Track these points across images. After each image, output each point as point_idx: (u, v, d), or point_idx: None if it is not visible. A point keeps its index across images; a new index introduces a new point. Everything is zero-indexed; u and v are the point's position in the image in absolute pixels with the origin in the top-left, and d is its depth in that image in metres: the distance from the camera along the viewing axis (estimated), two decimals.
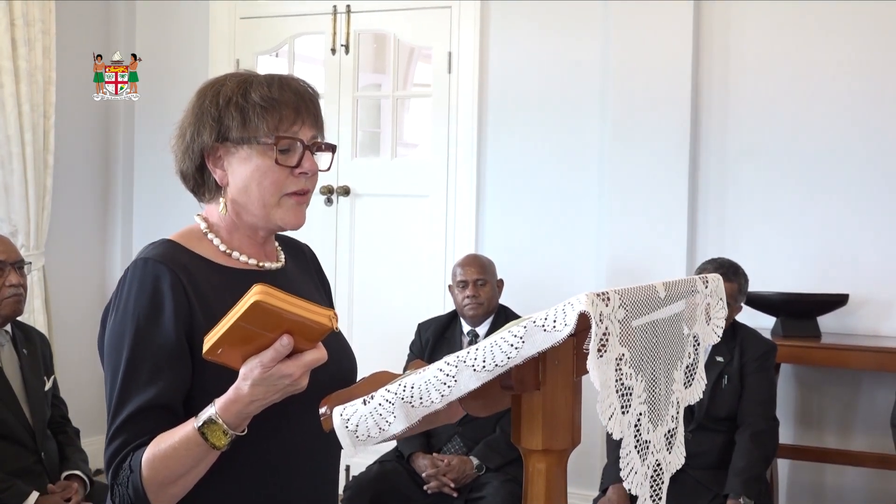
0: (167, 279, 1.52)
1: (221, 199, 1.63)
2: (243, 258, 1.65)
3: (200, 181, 1.65)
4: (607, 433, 3.55)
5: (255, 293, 1.33)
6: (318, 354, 1.41)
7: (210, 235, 1.65)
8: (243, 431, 1.45)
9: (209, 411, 1.43)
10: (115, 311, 1.54)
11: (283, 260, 1.73)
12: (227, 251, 1.64)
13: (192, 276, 1.56)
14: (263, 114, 1.57)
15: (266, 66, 5.16)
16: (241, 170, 1.59)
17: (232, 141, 1.59)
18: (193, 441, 1.43)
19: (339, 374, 1.64)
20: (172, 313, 1.51)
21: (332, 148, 1.66)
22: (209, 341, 1.38)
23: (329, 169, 1.67)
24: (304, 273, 1.79)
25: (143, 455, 1.46)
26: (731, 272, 3.56)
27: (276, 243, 1.76)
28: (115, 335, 1.53)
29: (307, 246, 1.88)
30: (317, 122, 1.63)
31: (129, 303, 1.52)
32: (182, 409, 1.51)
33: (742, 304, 3.66)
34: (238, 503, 1.57)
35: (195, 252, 1.61)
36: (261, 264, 1.67)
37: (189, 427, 1.44)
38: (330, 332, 1.39)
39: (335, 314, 1.38)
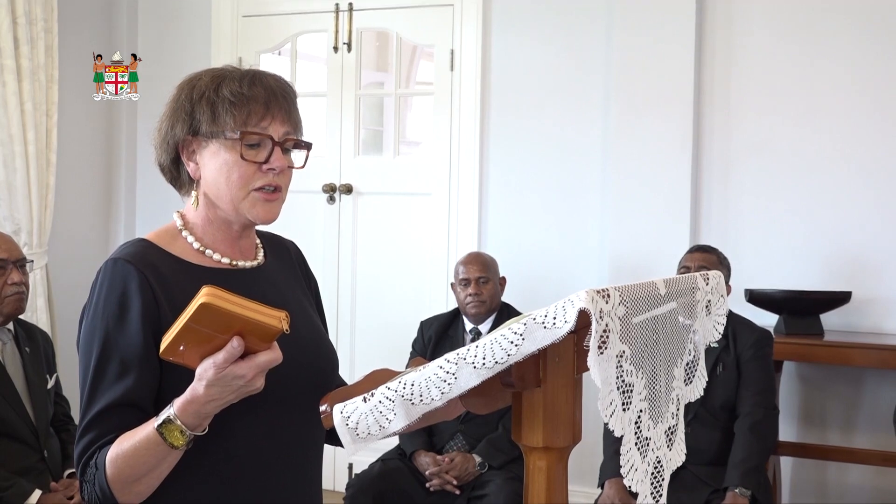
0: (135, 280, 1.53)
1: (193, 193, 1.64)
2: (216, 256, 1.64)
3: (176, 174, 1.66)
4: (604, 430, 3.57)
5: (202, 295, 1.34)
6: (272, 356, 1.41)
7: (185, 233, 1.65)
8: (203, 431, 1.46)
9: (168, 411, 1.44)
10: (88, 312, 1.57)
11: (262, 258, 1.72)
12: (202, 249, 1.64)
13: (162, 275, 1.56)
14: (232, 109, 1.58)
15: (268, 64, 5.16)
16: (211, 164, 1.60)
17: (203, 135, 1.60)
18: (153, 441, 1.44)
19: (313, 370, 1.63)
20: (139, 314, 1.52)
21: (307, 145, 1.66)
22: (164, 342, 1.40)
23: (304, 166, 1.67)
24: (287, 271, 1.77)
25: (107, 453, 1.48)
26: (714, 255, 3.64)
27: (259, 241, 1.74)
28: (87, 335, 1.55)
29: (292, 243, 1.86)
30: (289, 118, 1.62)
31: (100, 304, 1.54)
32: (151, 408, 1.52)
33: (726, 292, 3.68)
34: (213, 500, 1.56)
35: (167, 251, 1.61)
36: (234, 263, 1.66)
37: (149, 427, 1.45)
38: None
39: (286, 316, 1.38)
